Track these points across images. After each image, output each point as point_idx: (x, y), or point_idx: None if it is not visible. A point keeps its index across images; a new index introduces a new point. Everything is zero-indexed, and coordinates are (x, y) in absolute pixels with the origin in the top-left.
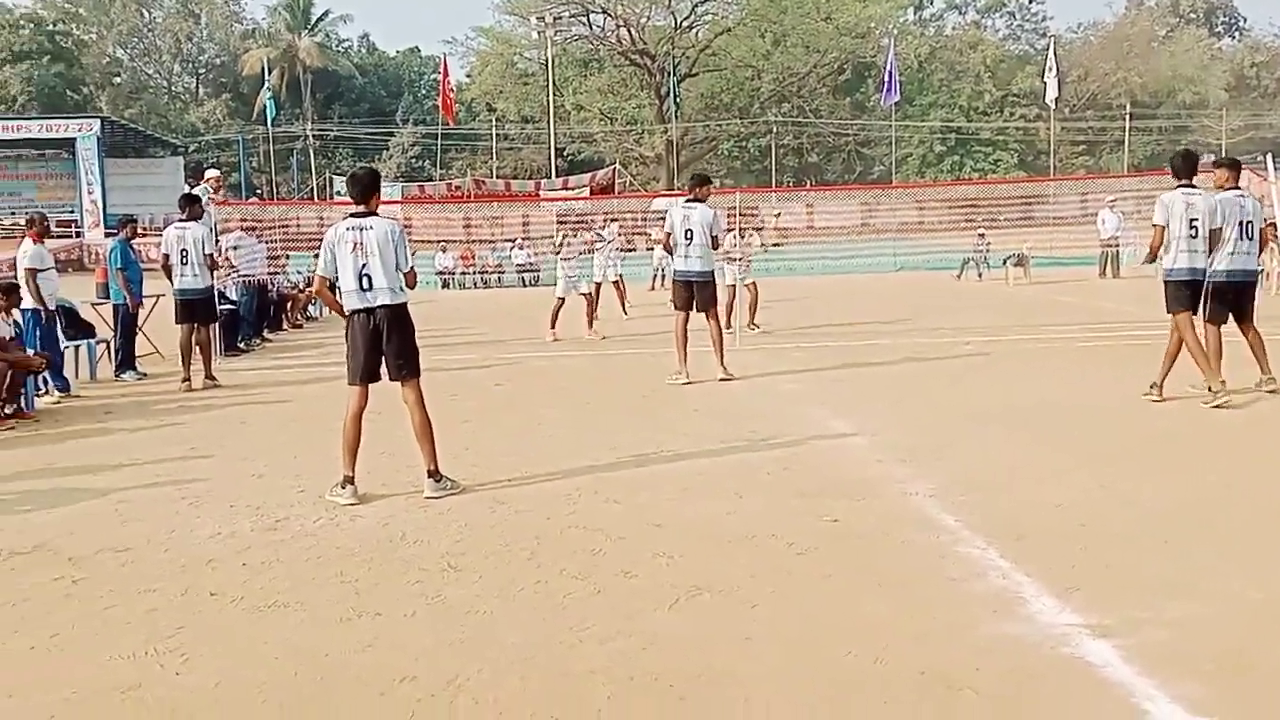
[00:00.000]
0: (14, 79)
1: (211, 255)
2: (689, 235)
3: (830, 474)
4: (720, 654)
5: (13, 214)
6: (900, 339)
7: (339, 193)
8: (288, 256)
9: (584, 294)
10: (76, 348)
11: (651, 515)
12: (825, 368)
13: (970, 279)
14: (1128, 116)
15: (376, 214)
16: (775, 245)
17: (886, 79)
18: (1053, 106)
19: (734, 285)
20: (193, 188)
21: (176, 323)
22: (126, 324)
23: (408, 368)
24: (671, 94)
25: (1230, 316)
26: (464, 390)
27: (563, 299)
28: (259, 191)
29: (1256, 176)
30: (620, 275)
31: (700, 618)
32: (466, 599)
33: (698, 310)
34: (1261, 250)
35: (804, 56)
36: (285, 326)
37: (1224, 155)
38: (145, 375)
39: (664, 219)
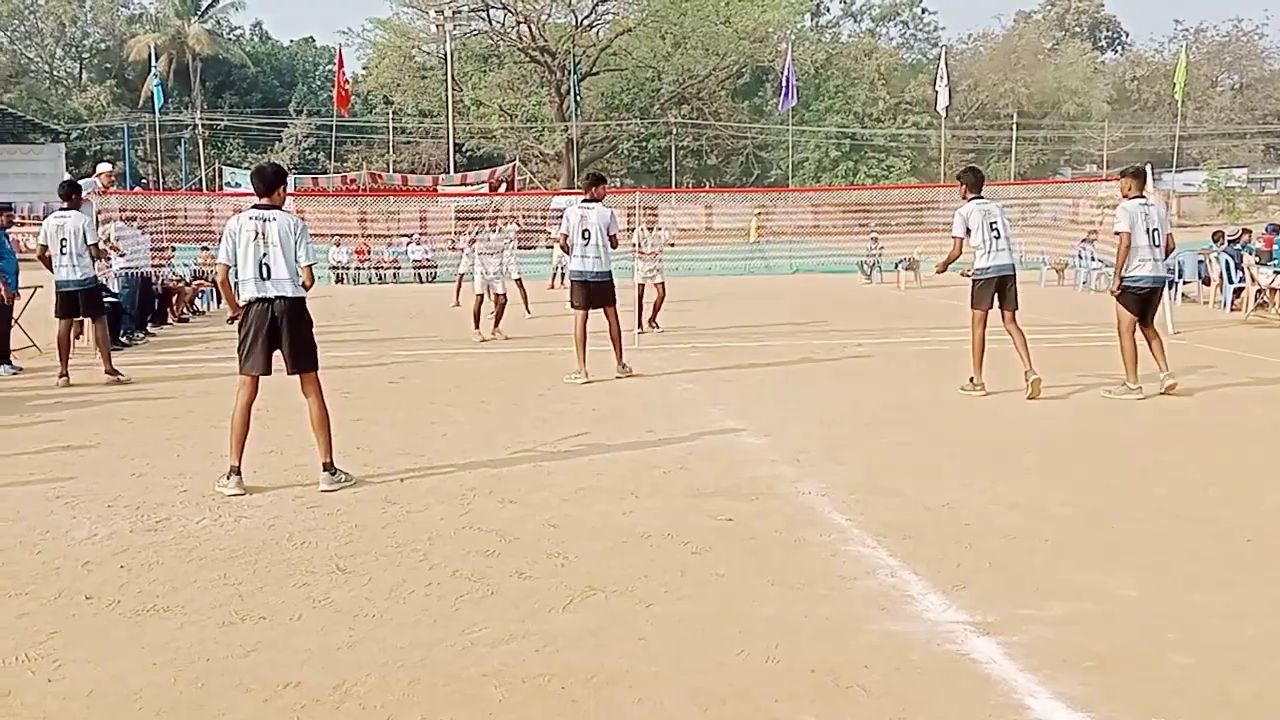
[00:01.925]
0: None
1: (96, 245)
2: (586, 235)
3: (725, 474)
4: (614, 654)
5: None
6: (794, 340)
7: (229, 184)
8: (173, 249)
9: (499, 293)
10: None
11: (546, 515)
12: (721, 368)
13: (863, 281)
14: (1014, 126)
15: (280, 208)
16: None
17: (784, 84)
18: (943, 115)
19: (642, 284)
20: (78, 178)
21: (56, 316)
22: (1, 316)
23: (305, 361)
24: (572, 92)
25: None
26: (357, 387)
27: (481, 296)
28: (144, 181)
29: None
30: (520, 275)
31: (595, 618)
32: (355, 601)
33: (596, 308)
34: (1167, 255)
35: (704, 59)
36: (170, 320)
37: (1106, 165)
38: (21, 370)
39: (562, 218)
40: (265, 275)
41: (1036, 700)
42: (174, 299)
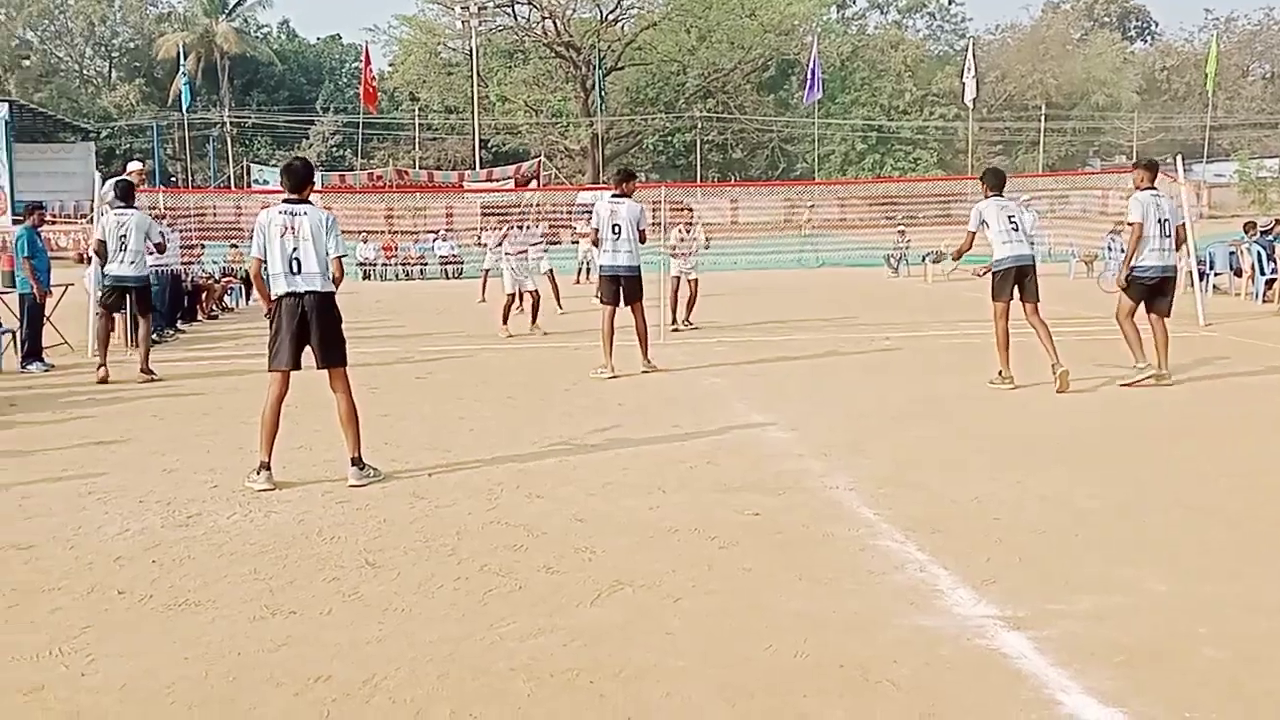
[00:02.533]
0: None
1: (162, 243)
2: (616, 230)
3: (752, 468)
4: (643, 649)
5: None
6: (821, 334)
7: (257, 181)
8: (203, 246)
9: (530, 290)
10: None
11: (574, 510)
12: (747, 362)
13: (889, 275)
14: (1043, 117)
15: (310, 202)
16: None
17: (810, 76)
18: (971, 106)
19: (678, 277)
20: (108, 177)
21: (102, 305)
22: (33, 314)
23: (335, 355)
24: (597, 87)
25: (1145, 306)
26: (385, 383)
27: (513, 295)
28: (174, 179)
29: (1166, 177)
30: (551, 267)
31: (622, 613)
32: (384, 596)
33: (625, 304)
34: (1178, 247)
35: (729, 52)
36: (200, 317)
37: (1135, 156)
38: (53, 367)
39: (590, 213)
40: (295, 270)
41: (1068, 695)
42: (204, 296)
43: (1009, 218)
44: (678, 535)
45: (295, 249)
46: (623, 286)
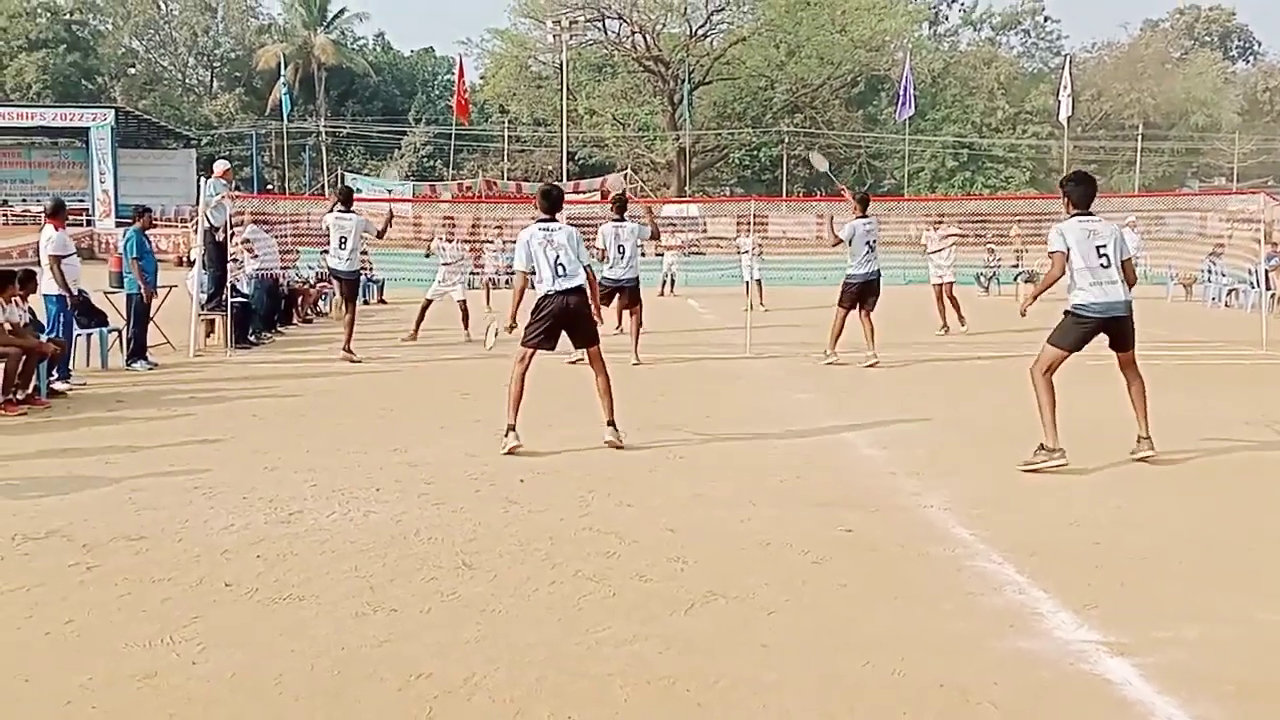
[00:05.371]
0: (30, 67)
1: (382, 231)
2: (621, 251)
3: (843, 484)
4: (737, 660)
5: (24, 201)
6: (911, 351)
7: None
8: (298, 251)
9: (460, 300)
10: (89, 335)
11: (664, 519)
12: (837, 377)
13: (979, 293)
14: (1140, 137)
15: (558, 220)
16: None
17: (901, 93)
18: (1065, 125)
19: (939, 285)
20: (205, 179)
21: (342, 296)
22: (140, 313)
23: (592, 335)
24: (684, 101)
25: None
26: (476, 389)
27: (430, 301)
28: (270, 186)
29: (1272, 200)
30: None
31: (716, 623)
32: (482, 597)
33: (623, 308)
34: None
35: (818, 68)
36: (295, 321)
37: (1234, 179)
38: (156, 365)
39: (597, 234)
40: (561, 273)
41: None
42: (299, 300)
43: (1098, 248)
44: (769, 548)
45: (558, 257)
46: (623, 293)
